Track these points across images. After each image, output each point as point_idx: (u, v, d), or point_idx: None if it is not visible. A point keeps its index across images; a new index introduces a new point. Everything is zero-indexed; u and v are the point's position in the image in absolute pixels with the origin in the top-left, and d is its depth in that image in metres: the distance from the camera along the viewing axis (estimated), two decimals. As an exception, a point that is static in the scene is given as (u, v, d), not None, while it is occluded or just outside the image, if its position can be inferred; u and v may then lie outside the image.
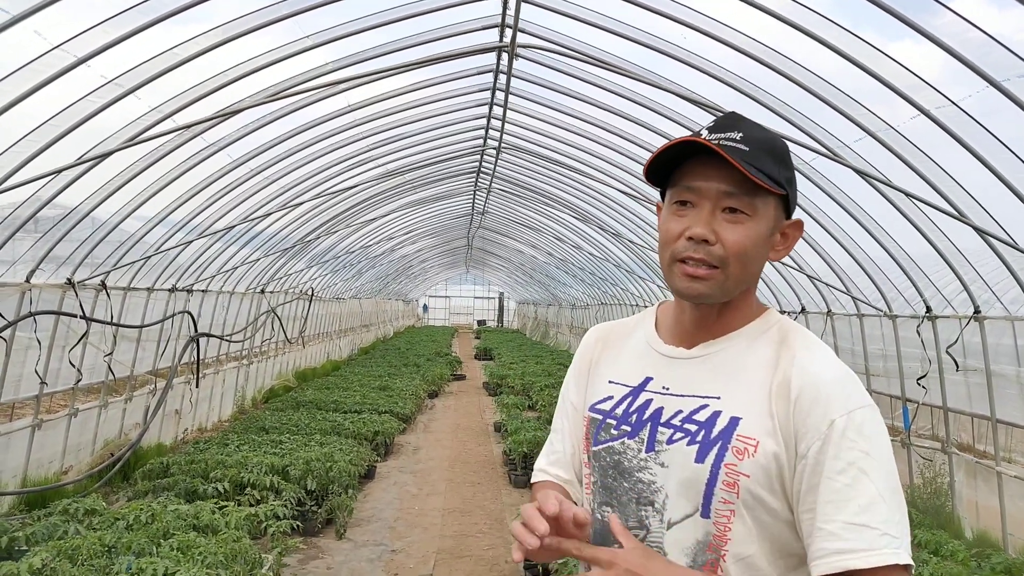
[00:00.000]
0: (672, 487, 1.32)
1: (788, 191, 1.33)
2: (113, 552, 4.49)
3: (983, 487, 6.52)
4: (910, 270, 7.08)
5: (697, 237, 1.29)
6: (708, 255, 1.30)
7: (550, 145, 9.85)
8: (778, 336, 1.37)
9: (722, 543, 1.28)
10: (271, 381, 13.92)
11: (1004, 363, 6.45)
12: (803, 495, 1.24)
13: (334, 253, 15.48)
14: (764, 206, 1.31)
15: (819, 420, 1.24)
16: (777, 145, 1.33)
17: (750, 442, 1.27)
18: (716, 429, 1.30)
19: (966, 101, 4.90)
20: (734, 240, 1.29)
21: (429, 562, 6.11)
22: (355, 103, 7.79)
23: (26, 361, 6.60)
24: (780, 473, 1.26)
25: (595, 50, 6.32)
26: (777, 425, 1.27)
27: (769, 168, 1.29)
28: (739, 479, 1.26)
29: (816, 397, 1.25)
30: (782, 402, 1.27)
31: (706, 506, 1.29)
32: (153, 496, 6.18)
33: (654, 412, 1.37)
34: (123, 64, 5.20)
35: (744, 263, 1.31)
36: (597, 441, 1.43)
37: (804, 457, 1.24)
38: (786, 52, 5.58)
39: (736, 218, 1.30)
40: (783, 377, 1.29)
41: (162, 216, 7.94)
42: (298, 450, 7.88)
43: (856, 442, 1.22)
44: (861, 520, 1.19)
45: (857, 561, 1.17)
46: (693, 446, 1.30)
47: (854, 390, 1.27)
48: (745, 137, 1.30)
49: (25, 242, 6.47)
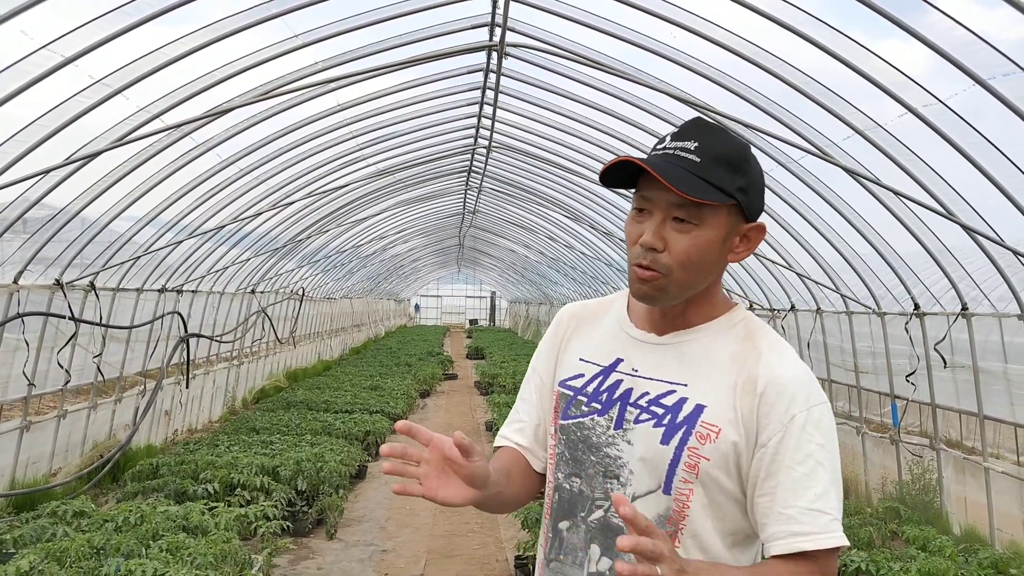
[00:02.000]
0: (637, 464, 1.41)
1: (740, 199, 1.38)
2: (102, 554, 4.47)
3: (971, 483, 6.57)
4: (898, 268, 7.12)
5: (646, 245, 1.38)
6: (654, 262, 1.38)
7: (541, 144, 9.85)
8: (744, 332, 1.45)
9: (680, 518, 1.38)
10: (262, 381, 13.88)
11: (991, 360, 6.49)
12: (761, 481, 1.35)
13: (325, 253, 15.45)
14: (713, 215, 1.37)
15: (782, 414, 1.34)
16: (734, 154, 1.38)
17: (713, 429, 1.37)
18: (682, 415, 1.39)
19: (953, 99, 4.93)
20: (679, 249, 1.37)
21: (420, 562, 6.11)
22: (345, 102, 7.77)
23: (14, 363, 6.56)
24: (738, 459, 1.36)
25: (585, 49, 6.32)
26: (740, 417, 1.36)
27: (719, 178, 1.35)
28: (700, 462, 1.36)
29: (781, 393, 1.35)
30: (747, 397, 1.37)
31: (668, 484, 1.38)
32: (143, 497, 6.16)
33: (624, 392, 1.46)
34: (111, 64, 5.18)
35: (688, 270, 1.38)
36: (567, 416, 1.51)
37: (765, 446, 1.35)
38: (775, 51, 5.60)
39: (684, 228, 1.37)
40: (749, 374, 1.38)
41: (151, 216, 7.90)
42: (289, 450, 7.86)
43: (814, 436, 1.33)
44: (817, 507, 1.30)
45: (811, 543, 1.29)
46: (659, 428, 1.39)
47: (813, 388, 1.38)
48: (700, 147, 1.36)
49: (13, 243, 6.44)
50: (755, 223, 1.44)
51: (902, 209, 6.30)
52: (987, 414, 6.39)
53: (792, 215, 7.80)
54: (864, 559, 4.90)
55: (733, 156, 1.38)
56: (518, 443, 1.62)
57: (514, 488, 1.55)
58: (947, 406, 7.09)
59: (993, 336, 6.52)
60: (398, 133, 9.45)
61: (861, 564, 4.86)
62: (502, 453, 1.63)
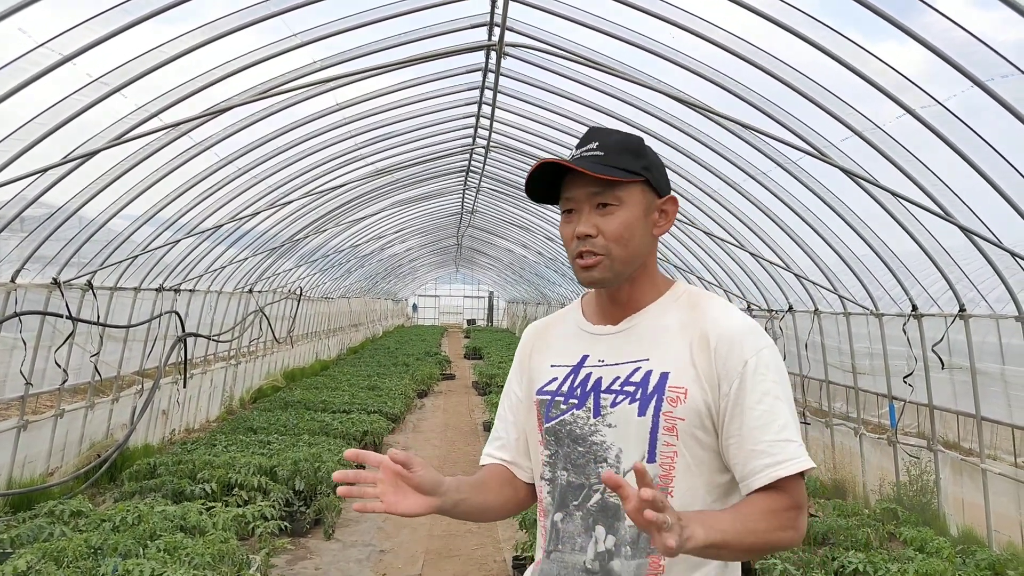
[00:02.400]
0: (621, 442, 1.54)
1: (647, 176, 1.58)
2: (99, 554, 4.46)
3: (968, 484, 6.57)
4: (896, 269, 7.12)
5: (581, 234, 1.56)
6: (593, 246, 1.55)
7: (539, 144, 9.85)
8: (689, 302, 1.62)
9: (668, 481, 1.51)
10: (259, 381, 13.87)
11: (989, 361, 6.50)
12: (727, 424, 1.50)
13: (323, 252, 15.43)
14: (629, 194, 1.57)
15: (735, 362, 1.50)
16: (631, 142, 1.60)
17: (680, 391, 1.51)
18: (651, 385, 1.53)
19: (951, 101, 4.94)
20: (610, 229, 1.55)
21: (418, 562, 6.11)
22: (343, 102, 7.77)
23: (11, 362, 6.55)
24: (709, 412, 1.51)
25: (584, 49, 6.32)
26: (700, 373, 1.52)
27: (626, 162, 1.56)
28: (676, 423, 1.50)
29: (731, 343, 1.51)
30: (702, 353, 1.53)
31: (652, 451, 1.51)
32: (140, 497, 6.15)
33: (595, 383, 1.59)
34: (109, 62, 5.17)
35: (624, 245, 1.56)
36: (549, 418, 1.63)
37: (727, 395, 1.50)
38: (774, 52, 5.61)
39: (608, 211, 1.56)
40: (700, 332, 1.54)
41: (149, 215, 7.89)
42: (286, 450, 7.85)
43: (767, 375, 1.50)
44: (783, 436, 1.46)
45: (785, 470, 1.44)
46: (634, 404, 1.53)
47: (759, 334, 1.54)
48: (601, 144, 1.57)
49: (10, 241, 6.42)
50: (668, 196, 1.63)
51: (900, 210, 6.31)
52: (984, 415, 6.39)
53: (790, 216, 7.80)
54: (862, 560, 4.90)
55: (630, 144, 1.59)
56: (501, 458, 1.76)
57: (487, 496, 1.67)
58: (945, 407, 7.10)
59: (990, 337, 6.52)
60: (396, 133, 9.45)
61: (859, 565, 4.86)
62: (483, 469, 1.76)
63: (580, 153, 1.58)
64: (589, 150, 1.57)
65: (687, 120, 7.38)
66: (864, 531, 5.68)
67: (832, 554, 5.22)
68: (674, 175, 8.76)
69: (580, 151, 1.59)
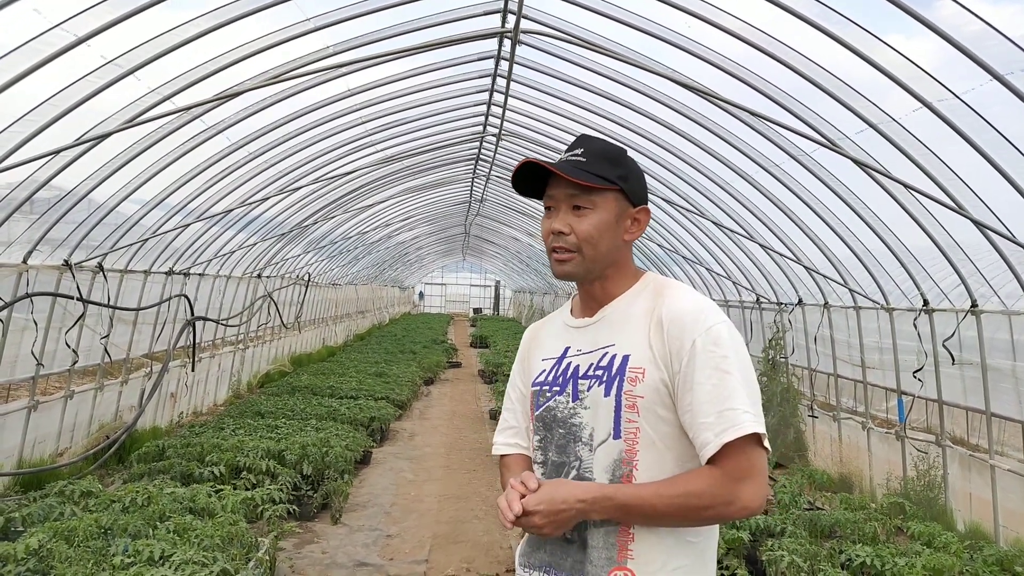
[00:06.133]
0: (594, 422, 1.69)
1: (622, 185, 1.73)
2: (109, 534, 4.49)
3: (976, 480, 6.56)
4: (908, 263, 7.09)
5: (555, 231, 1.74)
6: (566, 243, 1.73)
7: (550, 133, 9.81)
8: (654, 290, 1.76)
9: (633, 456, 1.65)
10: (266, 366, 13.91)
11: (1000, 357, 6.47)
12: (680, 400, 1.63)
13: (331, 239, 15.44)
14: (603, 200, 1.73)
15: (685, 342, 1.63)
16: (611, 151, 1.76)
17: (639, 371, 1.66)
18: (615, 368, 1.69)
19: (969, 94, 4.89)
20: (582, 229, 1.72)
21: (425, 547, 6.13)
22: (355, 87, 7.75)
23: (22, 342, 6.58)
24: (667, 390, 1.64)
25: (597, 37, 6.29)
26: (656, 354, 1.65)
27: (603, 170, 1.72)
28: (636, 401, 1.65)
29: (682, 325, 1.64)
30: (657, 335, 1.67)
31: (616, 428, 1.66)
32: (148, 479, 6.18)
33: (573, 370, 1.76)
34: (123, 44, 5.15)
35: (593, 245, 1.72)
36: (538, 406, 1.80)
37: (679, 372, 1.63)
38: (789, 42, 5.56)
39: (582, 213, 1.73)
40: (656, 317, 1.69)
41: (160, 199, 7.90)
42: (294, 435, 7.88)
43: (715, 351, 1.61)
44: (728, 406, 1.57)
45: (729, 435, 1.55)
46: (602, 386, 1.69)
47: (709, 313, 1.66)
48: (585, 151, 1.74)
49: (21, 223, 6.44)
50: (642, 206, 1.79)
51: (913, 204, 6.27)
52: (994, 411, 6.37)
53: (801, 208, 7.77)
54: (869, 554, 4.90)
55: (611, 153, 1.75)
56: (518, 444, 1.92)
57: None
58: (954, 403, 7.07)
59: (1002, 333, 6.49)
60: (407, 120, 9.43)
61: (866, 559, 4.86)
62: (517, 461, 1.91)
63: (566, 157, 1.75)
64: (574, 155, 1.74)
65: (699, 110, 7.34)
66: (871, 525, 5.66)
67: (839, 547, 5.22)
68: (685, 165, 8.72)
69: (566, 155, 1.75)
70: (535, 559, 1.75)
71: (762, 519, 5.60)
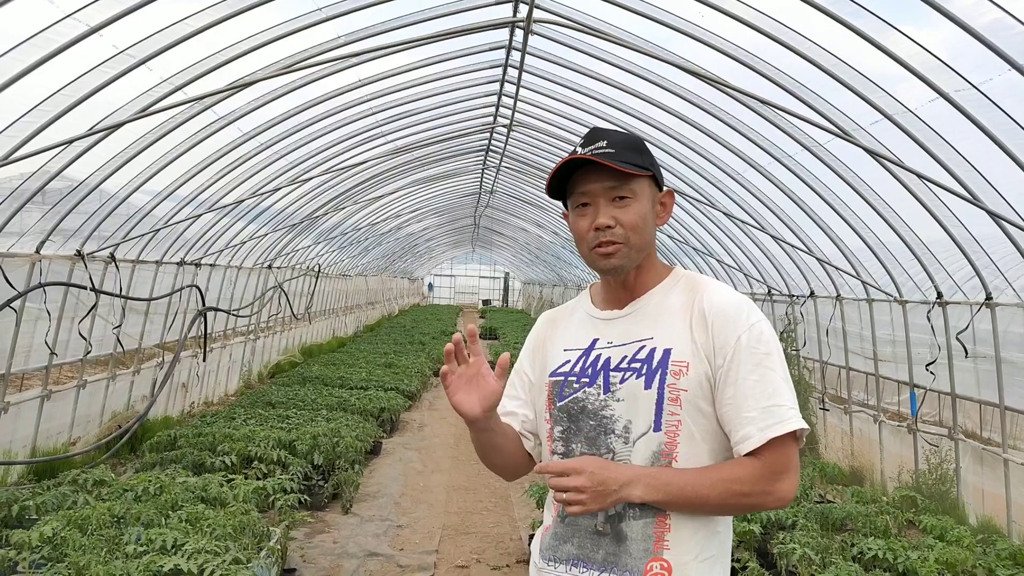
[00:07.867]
0: (630, 414, 1.68)
1: (653, 171, 1.74)
2: (122, 522, 4.52)
3: (989, 474, 6.51)
4: (921, 255, 7.03)
5: (602, 226, 1.70)
6: (614, 236, 1.70)
7: (561, 124, 9.77)
8: (687, 285, 1.77)
9: (673, 449, 1.65)
10: (277, 356, 13.96)
11: (1014, 350, 6.41)
12: (721, 393, 1.64)
13: (341, 230, 15.46)
14: (640, 187, 1.72)
15: (729, 336, 1.64)
16: (634, 141, 1.74)
17: (682, 364, 1.66)
18: (655, 361, 1.68)
19: (987, 84, 4.83)
20: (628, 219, 1.70)
21: (435, 538, 6.14)
22: (366, 78, 7.73)
23: (35, 332, 6.62)
24: (709, 384, 1.65)
25: (609, 26, 6.24)
26: (699, 348, 1.66)
27: (634, 159, 1.70)
28: (680, 394, 1.65)
29: (725, 319, 1.66)
30: (700, 329, 1.67)
31: (658, 421, 1.65)
32: (161, 468, 6.21)
33: (604, 362, 1.73)
34: (135, 34, 5.15)
35: (640, 233, 1.71)
36: (562, 396, 1.77)
37: (722, 367, 1.64)
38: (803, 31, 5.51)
39: (624, 203, 1.71)
40: (699, 311, 1.69)
41: (171, 189, 7.91)
42: (305, 425, 7.91)
43: (758, 348, 1.63)
44: (773, 403, 1.60)
45: (774, 431, 1.58)
46: (641, 378, 1.67)
47: (751, 311, 1.68)
48: (609, 143, 1.70)
49: (34, 214, 6.46)
50: (667, 190, 1.80)
51: (927, 195, 6.21)
52: (1008, 405, 6.32)
53: (814, 199, 7.71)
54: (881, 547, 4.88)
55: (635, 143, 1.74)
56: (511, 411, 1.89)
57: (507, 443, 1.85)
58: (967, 396, 7.02)
59: (1016, 326, 6.43)
60: (418, 110, 9.41)
61: (879, 552, 4.83)
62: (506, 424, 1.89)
63: (590, 151, 1.70)
64: (600, 147, 1.69)
65: (712, 100, 7.29)
66: (883, 518, 5.64)
67: (851, 540, 5.20)
68: (696, 155, 8.67)
69: (588, 149, 1.70)
70: (562, 552, 1.72)
71: (773, 512, 5.59)
